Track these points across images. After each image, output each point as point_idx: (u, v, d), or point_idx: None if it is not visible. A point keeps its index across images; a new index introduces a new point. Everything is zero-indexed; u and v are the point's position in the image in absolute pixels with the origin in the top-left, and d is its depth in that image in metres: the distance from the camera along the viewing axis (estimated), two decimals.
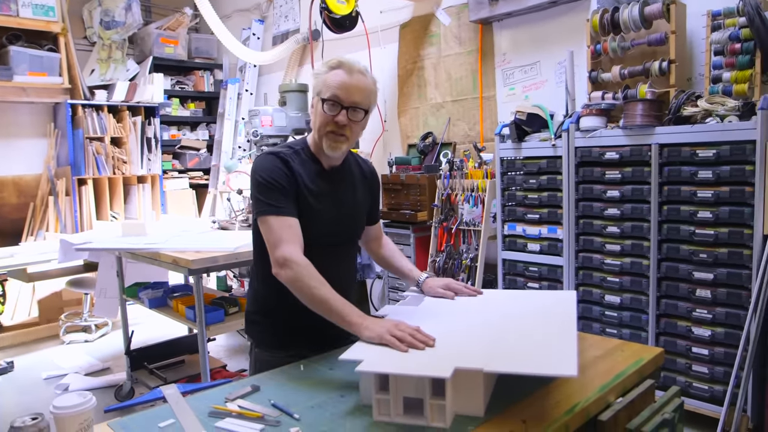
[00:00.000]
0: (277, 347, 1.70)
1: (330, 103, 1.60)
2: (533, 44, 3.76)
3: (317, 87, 1.64)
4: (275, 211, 1.55)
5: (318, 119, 1.64)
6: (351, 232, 1.80)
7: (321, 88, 1.62)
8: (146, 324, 4.81)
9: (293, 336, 1.69)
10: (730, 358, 2.61)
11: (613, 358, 1.51)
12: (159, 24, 6.18)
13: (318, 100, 1.63)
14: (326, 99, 1.60)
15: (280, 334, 1.71)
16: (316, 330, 1.62)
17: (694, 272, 2.73)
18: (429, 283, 1.82)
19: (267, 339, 1.73)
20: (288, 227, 1.55)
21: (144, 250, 2.91)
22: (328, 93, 1.60)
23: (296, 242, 1.54)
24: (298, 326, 1.68)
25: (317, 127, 1.65)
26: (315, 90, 1.65)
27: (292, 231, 1.55)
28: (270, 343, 1.73)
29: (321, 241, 1.67)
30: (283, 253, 1.51)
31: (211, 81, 6.47)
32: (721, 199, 2.62)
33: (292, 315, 1.65)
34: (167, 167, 6.07)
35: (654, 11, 2.92)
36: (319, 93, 1.63)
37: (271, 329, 1.73)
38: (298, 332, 1.68)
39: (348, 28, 3.96)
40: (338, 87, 1.60)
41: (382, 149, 4.80)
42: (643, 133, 2.83)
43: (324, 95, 1.61)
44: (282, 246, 1.52)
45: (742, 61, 2.70)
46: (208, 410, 1.30)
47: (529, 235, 3.42)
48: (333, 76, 1.61)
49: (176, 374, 3.33)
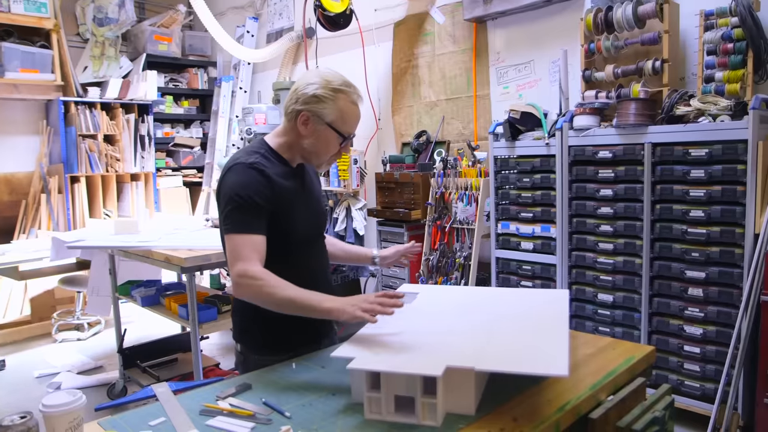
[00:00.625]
0: (270, 351, 1.68)
1: (348, 140, 1.65)
2: (527, 43, 3.76)
3: (324, 112, 1.59)
4: (239, 229, 1.53)
5: (323, 146, 1.64)
6: (323, 222, 1.86)
7: (333, 117, 1.59)
8: (139, 322, 4.80)
9: (285, 337, 1.69)
10: (722, 356, 2.62)
11: (604, 357, 1.52)
12: (152, 21, 6.15)
13: (324, 125, 1.60)
14: (346, 136, 1.63)
15: (272, 336, 1.70)
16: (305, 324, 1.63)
17: (687, 271, 2.74)
18: (384, 254, 1.94)
19: (259, 342, 1.72)
20: (249, 244, 1.51)
21: (136, 248, 2.90)
22: (344, 128, 1.62)
23: (254, 258, 1.50)
24: (288, 325, 1.68)
25: (318, 152, 1.65)
26: (319, 113, 1.59)
27: (252, 248, 1.51)
28: (262, 346, 1.71)
29: (304, 236, 1.70)
30: (237, 270, 1.49)
31: (205, 78, 6.44)
32: (713, 199, 2.64)
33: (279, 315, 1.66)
34: (161, 165, 6.05)
35: (647, 10, 2.92)
36: (331, 122, 1.60)
37: (261, 333, 1.71)
38: (289, 331, 1.67)
39: (342, 25, 3.95)
40: (353, 122, 1.64)
41: (376, 147, 4.80)
42: (636, 132, 2.84)
43: (340, 129, 1.61)
44: (238, 264, 1.49)
45: (735, 60, 2.71)
46: (200, 408, 1.30)
47: (523, 234, 3.42)
48: (348, 109, 1.61)
49: (169, 372, 3.32)
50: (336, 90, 1.58)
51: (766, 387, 2.51)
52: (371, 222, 4.47)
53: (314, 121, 1.60)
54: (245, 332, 1.76)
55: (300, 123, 1.61)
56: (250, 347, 1.73)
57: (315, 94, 1.58)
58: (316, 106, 1.58)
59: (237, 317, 1.78)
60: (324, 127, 1.60)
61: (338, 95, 1.58)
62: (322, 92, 1.57)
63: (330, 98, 1.58)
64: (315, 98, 1.58)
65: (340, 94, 1.59)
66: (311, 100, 1.58)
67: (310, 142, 1.63)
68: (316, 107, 1.58)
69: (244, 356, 1.74)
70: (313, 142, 1.63)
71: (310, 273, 1.70)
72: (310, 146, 1.64)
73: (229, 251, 1.53)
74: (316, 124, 1.60)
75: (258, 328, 1.71)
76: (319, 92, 1.57)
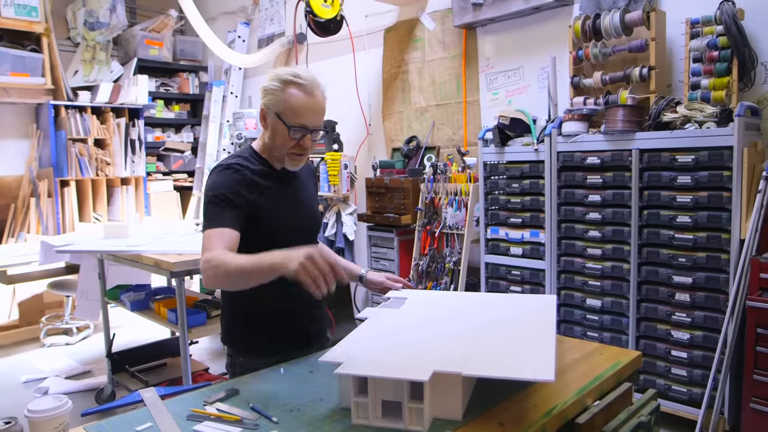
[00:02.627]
0: (256, 354, 1.69)
1: (295, 130, 1.60)
2: (516, 49, 3.79)
3: (274, 104, 1.60)
4: (212, 224, 1.54)
5: (279, 140, 1.62)
6: (312, 225, 1.84)
7: (281, 108, 1.59)
8: (128, 327, 4.77)
9: (272, 339, 1.69)
10: (708, 361, 2.65)
11: (591, 361, 1.53)
12: (144, 26, 6.14)
13: (275, 118, 1.60)
14: (292, 126, 1.59)
15: (258, 338, 1.71)
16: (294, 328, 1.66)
17: (674, 276, 2.76)
18: (371, 277, 1.87)
19: (245, 345, 1.73)
20: (215, 236, 1.51)
21: (126, 253, 2.89)
22: (293, 119, 1.59)
23: (218, 247, 1.48)
24: (275, 327, 1.69)
25: (278, 146, 1.64)
26: (270, 105, 1.60)
27: (218, 238, 1.50)
28: (248, 348, 1.72)
29: (286, 238, 1.66)
30: (201, 260, 1.48)
31: (196, 83, 6.44)
32: (699, 204, 2.67)
33: (273, 317, 1.69)
34: (151, 169, 6.03)
35: (635, 18, 2.96)
36: (279, 113, 1.60)
37: (246, 335, 1.72)
38: (275, 333, 1.69)
39: (333, 31, 3.97)
40: (303, 113, 1.59)
41: (367, 152, 4.81)
42: (624, 138, 2.87)
43: (288, 120, 1.59)
44: (203, 256, 1.49)
45: (720, 68, 2.74)
46: (187, 413, 1.29)
47: (512, 239, 3.44)
48: (294, 99, 1.58)
49: (158, 377, 3.30)
50: (284, 81, 1.59)
51: (752, 391, 2.53)
52: (361, 227, 4.47)
53: (268, 114, 1.63)
54: (232, 334, 1.76)
55: (260, 118, 1.66)
56: (237, 349, 1.74)
57: (265, 87, 1.62)
58: (267, 98, 1.61)
59: (225, 319, 1.79)
60: (274, 118, 1.61)
61: (286, 85, 1.58)
62: (269, 84, 1.61)
63: (278, 89, 1.59)
64: (266, 91, 1.62)
65: (287, 84, 1.58)
66: (264, 94, 1.62)
67: (268, 136, 1.66)
68: (267, 100, 1.62)
69: (231, 358, 1.75)
70: (271, 136, 1.65)
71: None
72: (269, 140, 1.66)
73: (201, 247, 1.53)
74: (269, 116, 1.63)
75: (244, 330, 1.72)
76: (268, 85, 1.61)
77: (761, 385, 2.50)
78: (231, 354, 1.75)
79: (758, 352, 2.50)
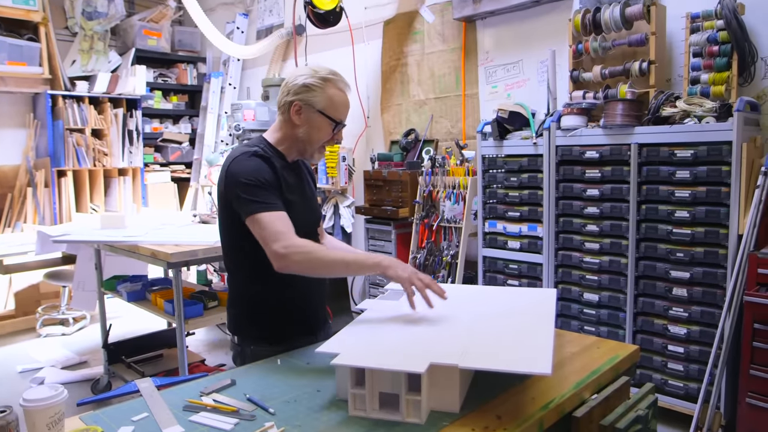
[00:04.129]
0: (267, 342, 1.69)
1: (340, 126, 1.70)
2: (516, 43, 3.77)
3: (317, 101, 1.65)
4: (265, 207, 1.56)
5: (318, 135, 1.69)
6: (317, 219, 1.89)
7: (324, 105, 1.66)
8: (125, 318, 4.76)
9: (282, 328, 1.70)
10: (705, 356, 2.65)
11: (589, 355, 1.53)
12: (142, 16, 6.10)
13: (316, 113, 1.66)
14: (338, 122, 1.68)
15: (270, 327, 1.71)
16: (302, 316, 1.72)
17: (671, 271, 2.76)
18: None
19: (256, 334, 1.73)
20: (280, 220, 1.56)
21: (123, 243, 2.88)
22: (336, 115, 1.67)
23: (291, 231, 1.56)
24: (285, 316, 1.70)
25: (313, 141, 1.70)
26: (311, 101, 1.65)
27: (284, 222, 1.57)
28: (260, 338, 1.72)
29: (299, 231, 1.69)
30: (281, 245, 1.52)
31: (194, 74, 6.40)
32: (698, 199, 2.66)
33: (278, 304, 1.71)
34: (149, 160, 6.01)
35: (635, 12, 2.94)
36: (322, 109, 1.66)
37: (258, 324, 1.73)
38: (285, 322, 1.69)
39: (332, 23, 3.94)
40: (342, 109, 1.70)
41: (365, 145, 4.79)
42: (623, 132, 2.86)
43: (333, 115, 1.67)
44: (280, 239, 1.53)
45: (720, 63, 2.73)
46: (183, 404, 1.29)
47: (510, 233, 3.44)
48: (337, 96, 1.67)
49: (154, 368, 3.30)
50: (324, 78, 1.66)
51: (748, 386, 2.53)
52: (359, 220, 4.47)
53: (306, 109, 1.66)
54: (242, 324, 1.77)
55: (293, 113, 1.67)
56: (246, 339, 1.74)
57: (305, 84, 1.65)
58: (307, 95, 1.65)
59: (234, 309, 1.79)
60: (316, 114, 1.66)
61: (327, 83, 1.66)
62: (311, 81, 1.65)
63: (319, 86, 1.65)
64: (305, 87, 1.65)
65: (328, 82, 1.67)
66: (302, 90, 1.65)
67: (303, 131, 1.69)
68: (307, 96, 1.65)
69: (241, 348, 1.74)
70: (307, 131, 1.68)
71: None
72: (304, 135, 1.69)
73: (261, 231, 1.55)
74: (308, 112, 1.66)
75: (256, 319, 1.73)
76: (308, 81, 1.65)
77: (757, 380, 2.50)
78: (240, 343, 1.75)
79: (755, 348, 2.51)
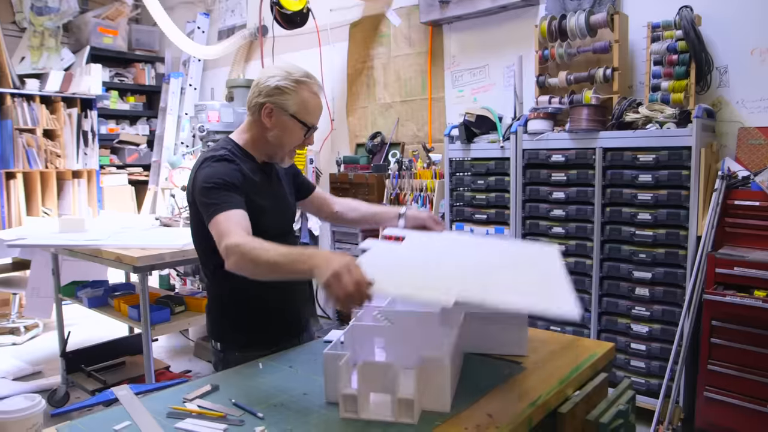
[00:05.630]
0: (252, 347, 1.65)
1: (311, 131, 1.66)
2: (482, 48, 3.83)
3: (289, 104, 1.60)
4: (219, 209, 1.50)
5: (290, 138, 1.65)
6: (290, 220, 1.85)
7: (297, 108, 1.61)
8: (82, 325, 4.58)
9: (266, 331, 1.67)
10: (666, 353, 2.74)
11: (568, 353, 1.56)
12: (97, 12, 5.92)
13: (288, 117, 1.61)
14: (311, 126, 1.64)
15: (254, 331, 1.68)
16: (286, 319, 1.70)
17: (634, 271, 2.85)
18: (412, 213, 1.84)
19: (240, 339, 1.69)
20: (231, 219, 1.48)
21: (85, 247, 2.77)
22: (308, 119, 1.63)
23: (238, 230, 1.44)
24: (269, 319, 1.67)
25: (284, 144, 1.65)
26: (283, 104, 1.60)
27: (234, 221, 1.48)
28: (244, 343, 1.68)
29: (273, 231, 1.66)
30: (224, 244, 1.43)
31: (152, 74, 6.25)
32: (659, 202, 2.76)
33: (259, 307, 1.67)
34: (105, 162, 5.83)
35: (599, 20, 3.03)
36: (295, 113, 1.61)
37: (242, 329, 1.69)
38: (268, 325, 1.67)
39: (299, 24, 3.92)
40: (315, 112, 1.65)
41: (330, 148, 4.78)
42: (588, 137, 2.94)
43: (305, 119, 1.63)
44: (223, 239, 1.44)
45: (679, 71, 2.84)
46: (166, 411, 1.25)
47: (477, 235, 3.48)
48: (309, 99, 1.62)
49: (116, 376, 3.19)
50: (298, 81, 1.61)
51: (706, 380, 2.64)
52: (326, 222, 4.44)
53: (278, 112, 1.61)
54: (224, 329, 1.72)
55: (264, 115, 1.62)
56: (230, 344, 1.70)
57: (277, 86, 1.60)
58: (279, 97, 1.60)
59: (214, 314, 1.74)
60: (288, 118, 1.62)
61: (300, 86, 1.61)
62: (284, 84, 1.60)
63: (292, 89, 1.60)
64: (278, 90, 1.60)
65: (301, 85, 1.61)
66: (274, 92, 1.60)
67: (274, 134, 1.64)
68: (279, 99, 1.60)
69: (223, 353, 1.70)
70: (278, 134, 1.64)
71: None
72: (275, 138, 1.64)
73: (215, 234, 1.48)
74: (280, 115, 1.62)
75: (238, 324, 1.69)
76: (281, 84, 1.60)
77: (715, 374, 2.61)
78: (223, 350, 1.70)
79: (713, 344, 2.61)
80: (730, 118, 2.91)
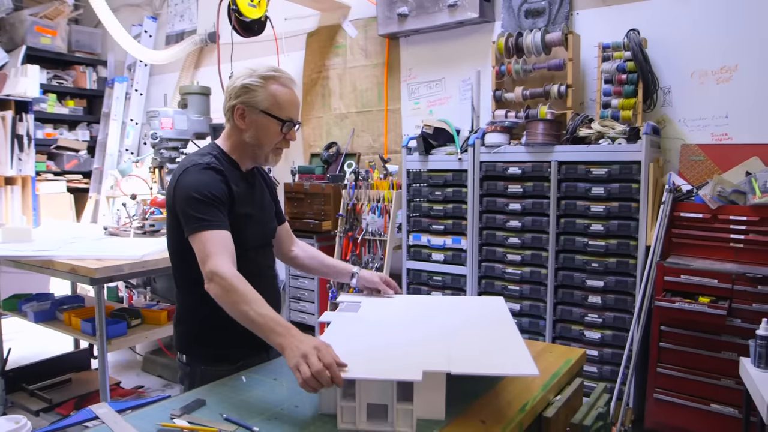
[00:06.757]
0: (219, 361, 1.62)
1: (287, 124, 1.61)
2: (439, 61, 3.91)
3: (258, 101, 1.58)
4: (207, 226, 1.48)
5: (267, 137, 1.61)
6: (272, 231, 1.83)
7: (268, 105, 1.58)
8: (19, 340, 4.32)
9: (234, 346, 1.63)
10: (618, 358, 2.87)
11: (545, 359, 1.62)
12: (34, 11, 5.64)
13: (261, 114, 1.59)
14: (286, 121, 1.60)
15: (221, 345, 1.64)
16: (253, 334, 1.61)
17: (587, 280, 2.98)
18: (365, 275, 1.87)
19: (208, 353, 1.65)
20: (218, 241, 1.47)
21: (33, 258, 2.63)
22: (282, 114, 1.59)
23: (225, 255, 1.46)
24: (237, 334, 1.63)
25: (263, 144, 1.62)
26: (253, 103, 1.58)
27: (222, 244, 1.47)
28: (211, 357, 1.64)
29: (254, 243, 1.68)
30: (210, 267, 1.43)
31: (93, 78, 6.01)
32: (611, 214, 2.90)
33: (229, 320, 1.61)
34: (41, 168, 5.53)
35: (554, 39, 3.17)
36: (266, 109, 1.59)
37: (209, 343, 1.65)
38: (237, 340, 1.63)
39: (256, 32, 3.87)
40: (288, 106, 1.61)
41: (284, 157, 4.72)
42: (544, 150, 3.05)
43: (279, 114, 1.59)
44: (210, 260, 1.44)
45: (628, 90, 3.01)
46: (155, 428, 1.22)
47: (434, 246, 3.53)
48: (280, 93, 1.59)
49: (62, 395, 3.03)
50: (264, 76, 1.59)
51: (655, 383, 2.79)
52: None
53: (249, 111, 1.59)
54: (192, 342, 1.68)
55: (237, 117, 1.60)
56: (197, 358, 1.66)
57: (243, 85, 1.58)
58: (247, 96, 1.58)
59: (183, 327, 1.70)
60: (260, 115, 1.59)
61: (267, 81, 1.59)
62: (249, 81, 1.58)
63: (259, 85, 1.58)
64: (245, 89, 1.58)
65: (269, 79, 1.59)
66: (242, 92, 1.58)
67: (250, 135, 1.62)
68: (248, 97, 1.58)
69: (190, 367, 1.66)
70: (253, 134, 1.61)
71: (257, 278, 1.65)
72: (252, 138, 1.62)
73: (198, 250, 1.46)
74: (252, 114, 1.60)
75: (207, 337, 1.65)
76: (246, 82, 1.58)
77: (663, 377, 2.76)
78: (189, 363, 1.66)
79: (661, 348, 2.77)
80: (674, 135, 3.10)
